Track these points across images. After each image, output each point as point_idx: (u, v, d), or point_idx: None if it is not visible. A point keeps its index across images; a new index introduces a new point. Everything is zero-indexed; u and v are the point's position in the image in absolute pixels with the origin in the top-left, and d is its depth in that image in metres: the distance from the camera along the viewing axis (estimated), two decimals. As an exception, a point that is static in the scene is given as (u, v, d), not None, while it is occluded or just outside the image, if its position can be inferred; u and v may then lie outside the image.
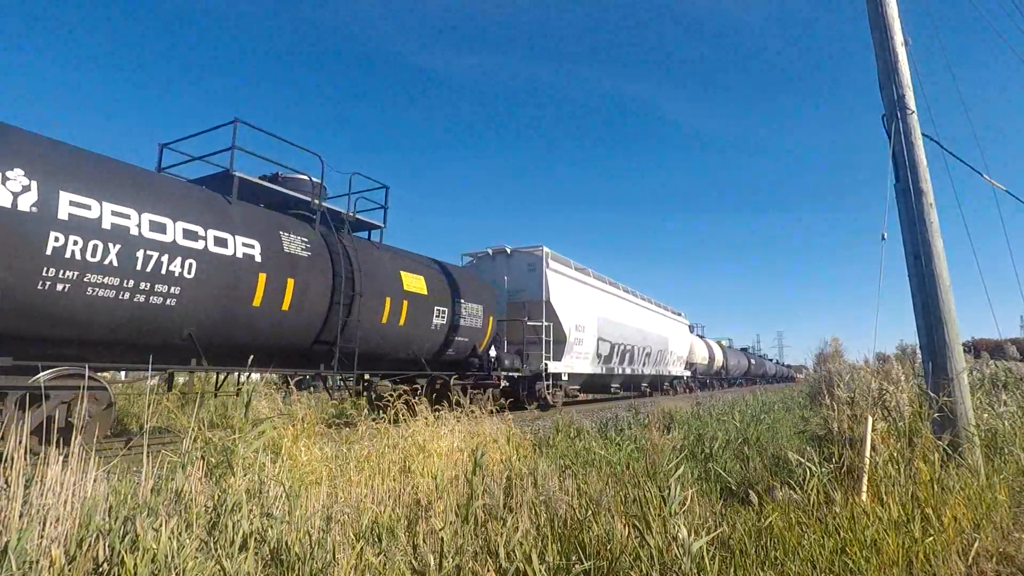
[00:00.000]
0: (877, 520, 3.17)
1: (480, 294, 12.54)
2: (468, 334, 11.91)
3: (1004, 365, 14.78)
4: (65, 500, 2.39)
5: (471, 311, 11.95)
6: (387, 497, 3.41)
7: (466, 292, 11.97)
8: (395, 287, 10.11)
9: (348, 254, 9.15)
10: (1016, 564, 3.16)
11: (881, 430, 4.51)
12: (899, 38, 5.93)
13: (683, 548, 2.37)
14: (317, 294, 8.50)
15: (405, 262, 10.81)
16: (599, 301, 17.78)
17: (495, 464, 4.41)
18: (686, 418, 8.41)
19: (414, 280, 10.62)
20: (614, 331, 18.44)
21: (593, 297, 17.39)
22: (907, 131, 5.69)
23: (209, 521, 2.44)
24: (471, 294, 12.13)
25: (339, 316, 8.70)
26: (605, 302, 18.30)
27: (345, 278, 8.86)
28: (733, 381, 41.07)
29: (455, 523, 2.80)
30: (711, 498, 3.97)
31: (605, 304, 18.20)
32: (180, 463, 2.84)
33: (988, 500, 3.95)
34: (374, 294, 9.55)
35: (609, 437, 6.33)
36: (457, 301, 11.57)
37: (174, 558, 2.02)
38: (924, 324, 5.43)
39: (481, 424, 5.49)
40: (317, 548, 2.33)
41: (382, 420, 5.17)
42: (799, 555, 2.83)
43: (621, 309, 19.69)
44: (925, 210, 5.52)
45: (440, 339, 11.25)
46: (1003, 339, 22.22)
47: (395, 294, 10.05)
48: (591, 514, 2.97)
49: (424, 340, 10.84)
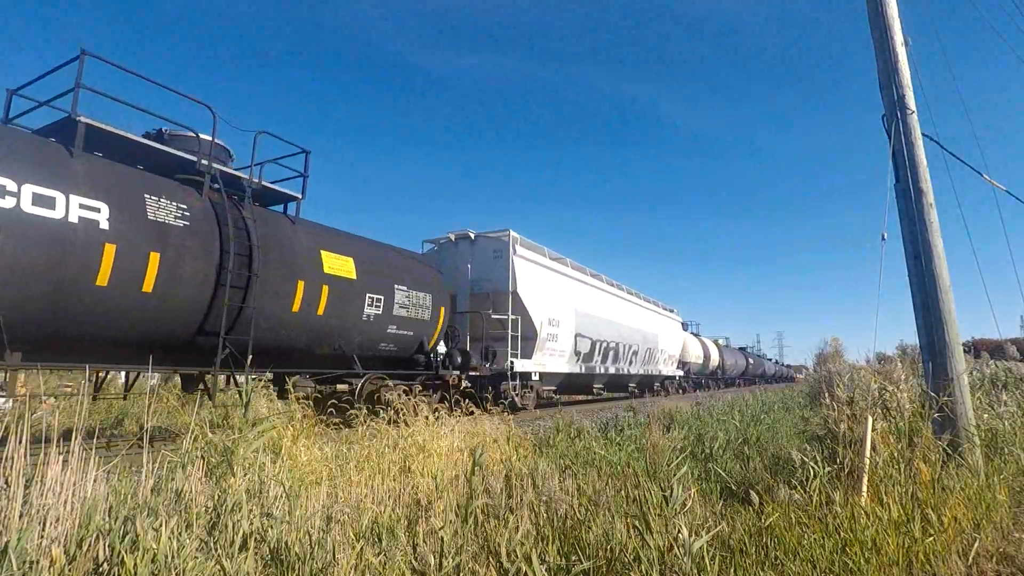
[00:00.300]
0: (877, 520, 3.17)
1: (429, 281, 11.09)
2: (412, 327, 10.42)
3: (1004, 365, 14.78)
4: (65, 500, 2.39)
5: (416, 301, 10.46)
6: (387, 497, 3.42)
7: (410, 278, 10.49)
8: (312, 269, 8.51)
9: (247, 227, 7.60)
10: (1016, 564, 3.16)
11: (881, 430, 4.51)
12: (899, 38, 5.93)
13: (684, 548, 2.36)
14: (196, 273, 6.93)
15: (328, 240, 9.15)
16: (577, 294, 16.39)
17: (495, 464, 4.41)
18: (686, 418, 8.41)
19: (339, 262, 9.02)
20: (595, 327, 17.06)
21: (570, 289, 15.97)
22: (907, 131, 5.69)
23: (209, 521, 2.44)
24: (417, 281, 10.68)
25: (229, 302, 7.14)
26: (584, 295, 16.89)
27: (237, 255, 7.29)
28: (730, 381, 39.59)
29: (455, 523, 2.80)
30: (711, 498, 3.98)
31: (584, 297, 16.83)
32: (180, 463, 2.84)
33: (988, 500, 3.95)
34: (282, 276, 8.04)
35: (609, 437, 6.33)
36: (398, 288, 10.10)
37: (174, 558, 2.02)
38: (924, 324, 5.44)
39: (481, 424, 5.49)
40: (317, 548, 2.33)
41: (382, 420, 5.18)
42: (799, 555, 2.83)
43: (604, 303, 18.35)
44: (925, 210, 5.52)
45: (375, 332, 9.70)
46: (1003, 339, 22.22)
47: (312, 277, 8.44)
48: (591, 514, 2.97)
49: (354, 333, 9.27)
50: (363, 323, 9.41)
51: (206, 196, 7.38)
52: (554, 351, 14.67)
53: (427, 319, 10.79)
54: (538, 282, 14.01)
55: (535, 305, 13.47)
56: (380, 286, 9.75)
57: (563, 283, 15.63)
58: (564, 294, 15.40)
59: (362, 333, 9.46)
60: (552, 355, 14.59)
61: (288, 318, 8.21)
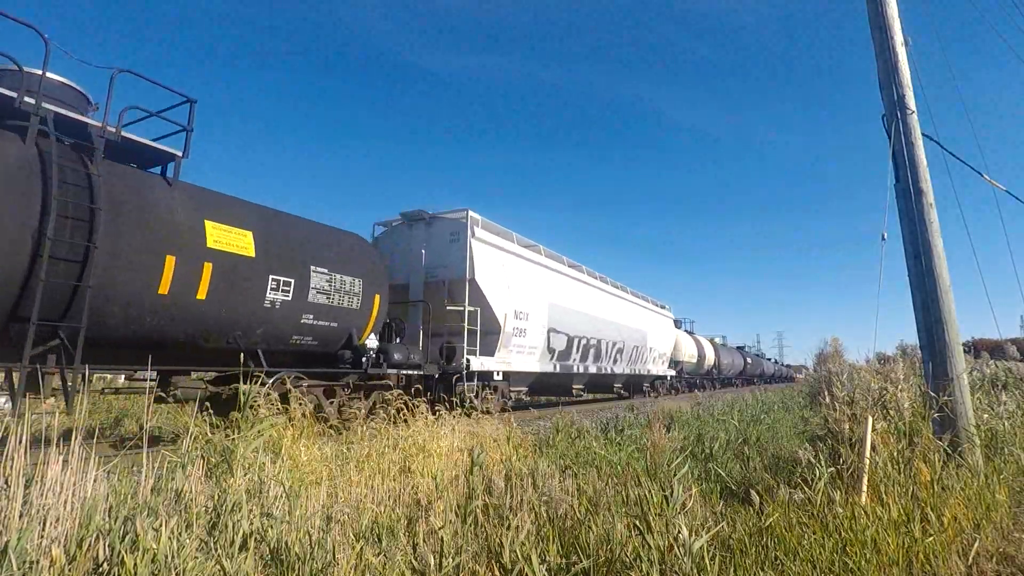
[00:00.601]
0: (877, 520, 3.17)
1: (359, 263, 9.36)
2: (337, 317, 8.82)
3: (1004, 365, 14.80)
4: (65, 500, 2.39)
5: (342, 286, 8.85)
6: (387, 497, 3.42)
7: (333, 259, 8.81)
8: (190, 242, 6.87)
9: (92, 185, 6.05)
10: (1016, 564, 3.16)
11: (881, 430, 4.51)
12: (899, 38, 5.93)
13: (684, 548, 2.36)
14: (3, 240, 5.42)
15: (216, 208, 7.42)
16: (551, 285, 14.71)
17: (495, 464, 4.41)
18: (686, 418, 8.42)
19: (231, 235, 7.37)
20: (573, 322, 15.48)
21: (542, 279, 14.27)
22: (907, 131, 5.70)
23: (209, 521, 2.45)
24: (342, 262, 8.95)
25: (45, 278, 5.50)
26: (560, 287, 15.24)
27: (71, 219, 5.80)
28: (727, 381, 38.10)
29: (455, 523, 2.80)
30: (711, 498, 3.98)
31: (560, 289, 15.17)
32: (180, 463, 2.84)
33: (988, 500, 3.95)
34: (143, 249, 6.42)
35: (610, 437, 6.33)
36: (316, 271, 8.43)
37: (174, 558, 2.02)
38: (924, 324, 5.44)
39: (482, 424, 5.49)
40: (317, 548, 2.33)
41: (382, 421, 5.18)
42: (799, 555, 2.83)
43: (583, 297, 16.63)
44: (925, 210, 5.52)
45: (285, 323, 8.06)
46: (1003, 339, 22.23)
47: (188, 252, 6.82)
48: (591, 514, 2.97)
49: (254, 323, 7.63)
50: (265, 311, 7.71)
51: (32, 144, 5.84)
52: (522, 348, 13.13)
53: (357, 308, 9.14)
54: (502, 270, 12.40)
55: (497, 295, 11.93)
56: (289, 267, 8.03)
57: (534, 273, 13.96)
58: (535, 285, 13.75)
59: (265, 323, 7.79)
60: (520, 352, 13.09)
61: (155, 302, 6.55)
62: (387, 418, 5.36)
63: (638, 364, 21.30)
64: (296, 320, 8.25)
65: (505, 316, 12.19)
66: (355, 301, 9.13)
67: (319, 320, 8.59)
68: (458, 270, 11.45)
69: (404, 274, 11.99)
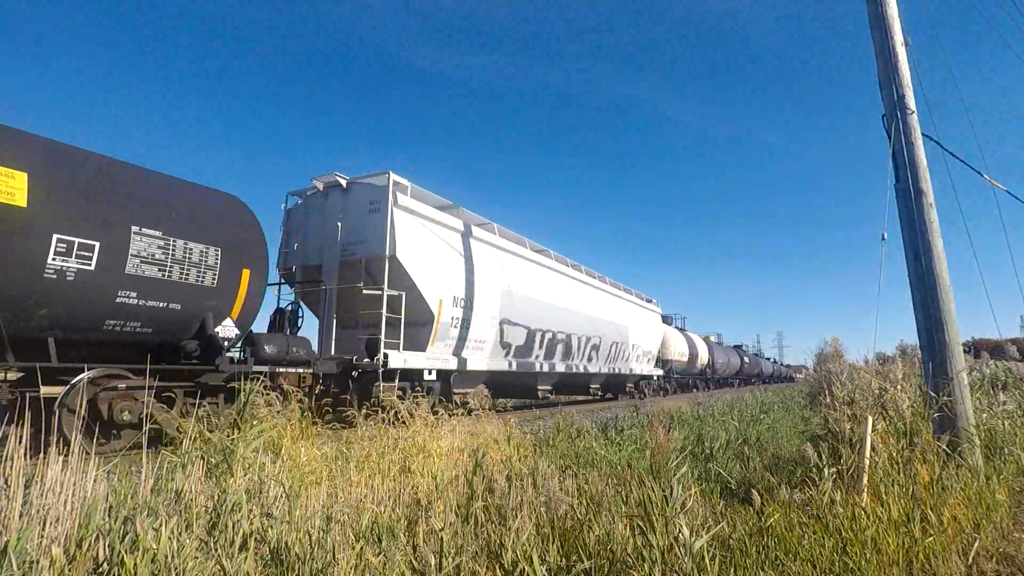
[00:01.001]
0: (877, 520, 3.17)
1: (220, 229, 7.27)
2: (179, 297, 6.73)
3: (1004, 365, 14.80)
4: (65, 500, 2.39)
5: (188, 256, 6.77)
6: (387, 497, 3.41)
7: (173, 220, 6.71)
8: None
9: None
10: (1016, 564, 3.16)
11: (881, 430, 4.51)
12: (899, 38, 5.93)
13: (684, 548, 2.37)
14: None
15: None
16: (506, 269, 12.65)
17: (495, 464, 4.41)
18: (687, 418, 8.43)
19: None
20: (535, 313, 13.46)
21: (494, 262, 12.28)
22: (907, 131, 5.70)
23: (209, 521, 2.45)
24: (191, 225, 6.88)
25: None
26: (518, 272, 13.17)
27: None
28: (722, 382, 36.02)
29: (455, 523, 2.80)
30: (711, 498, 3.98)
31: (518, 275, 13.09)
32: (180, 463, 2.84)
33: (988, 500, 3.95)
34: None
35: (610, 437, 6.33)
36: (140, 233, 6.33)
37: (174, 558, 2.02)
38: (924, 324, 5.44)
39: (483, 425, 5.49)
40: (317, 548, 2.33)
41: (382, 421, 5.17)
42: (799, 555, 2.83)
43: (549, 284, 14.50)
44: (925, 210, 5.52)
45: (88, 301, 6.01)
46: (1003, 339, 22.22)
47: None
48: (592, 514, 2.97)
49: (32, 300, 5.63)
50: (49, 284, 5.66)
51: None
52: (466, 342, 11.25)
53: (212, 286, 7.08)
54: (436, 247, 10.46)
55: (429, 278, 10.04)
56: (90, 224, 5.96)
57: (483, 254, 11.90)
58: (484, 269, 11.76)
59: (53, 301, 5.76)
60: (463, 347, 11.27)
61: None
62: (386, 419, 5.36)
63: (619, 363, 19.28)
64: (109, 298, 6.14)
65: (440, 303, 10.25)
66: (209, 276, 7.02)
67: (148, 300, 6.44)
68: (377, 246, 9.42)
69: (318, 253, 10.16)
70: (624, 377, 20.31)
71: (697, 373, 30.78)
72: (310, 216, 10.50)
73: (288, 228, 10.74)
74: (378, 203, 9.64)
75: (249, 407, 4.60)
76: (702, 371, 31.47)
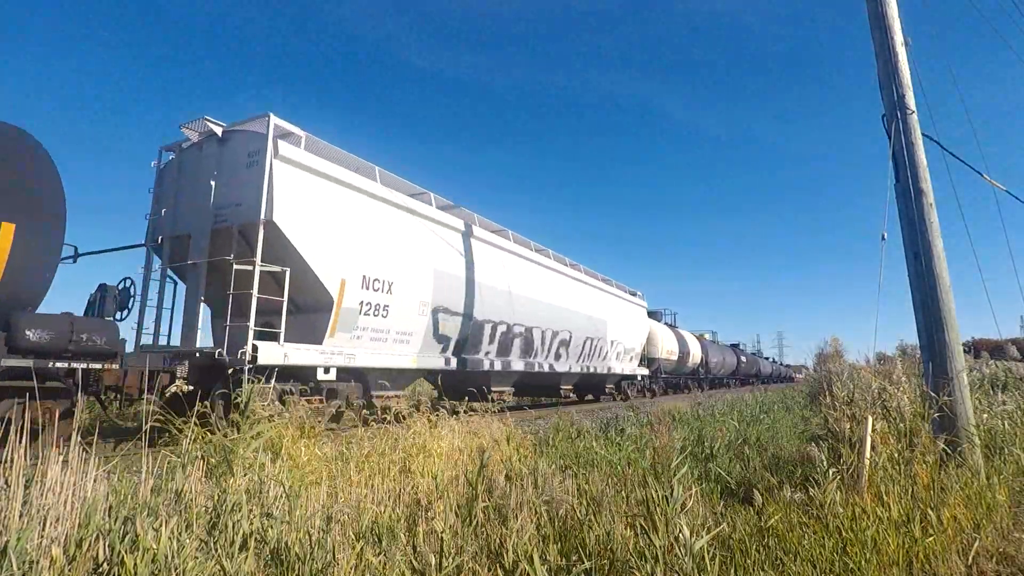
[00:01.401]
0: (877, 520, 3.17)
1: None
2: None
3: (1004, 365, 14.81)
4: (65, 500, 2.39)
5: None
6: (387, 497, 3.41)
7: None
8: None
9: None
10: (1016, 564, 3.16)
11: (881, 430, 4.51)
12: (899, 38, 5.93)
13: (685, 548, 2.37)
14: None
15: None
16: (442, 247, 10.58)
17: (495, 464, 4.41)
18: (687, 418, 8.43)
19: None
20: (484, 300, 11.47)
21: (425, 238, 10.15)
22: (907, 131, 5.70)
23: (209, 521, 2.44)
24: None
25: None
26: (459, 251, 11.09)
27: None
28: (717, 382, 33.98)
29: (455, 523, 2.80)
30: (711, 498, 3.98)
31: (459, 255, 11.07)
32: (180, 463, 2.84)
33: (988, 500, 3.95)
34: None
35: (610, 437, 6.33)
36: None
37: (174, 558, 2.02)
38: (924, 324, 5.44)
39: (483, 425, 5.49)
40: (317, 548, 2.33)
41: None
42: (800, 555, 2.83)
43: (501, 268, 12.34)
44: (925, 210, 5.52)
45: None
46: (1003, 339, 22.23)
47: None
48: (592, 514, 2.97)
49: None
50: None
51: None
52: (383, 334, 9.18)
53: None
54: (339, 214, 8.39)
55: (324, 250, 8.01)
56: None
57: (410, 228, 9.85)
58: (411, 245, 9.76)
59: None
60: (379, 340, 9.13)
61: None
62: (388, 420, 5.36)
63: (595, 361, 17.25)
64: None
65: (343, 284, 8.23)
66: None
67: None
68: (252, 208, 7.44)
69: (188, 220, 8.24)
70: (602, 377, 18.50)
71: (689, 373, 28.84)
72: (184, 175, 8.53)
73: (159, 191, 8.73)
74: (256, 156, 7.63)
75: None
76: (694, 371, 29.50)
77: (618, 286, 19.84)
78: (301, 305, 8.21)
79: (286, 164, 7.71)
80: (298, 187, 7.84)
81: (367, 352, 8.96)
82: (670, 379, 26.31)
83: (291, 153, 7.81)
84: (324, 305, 8.21)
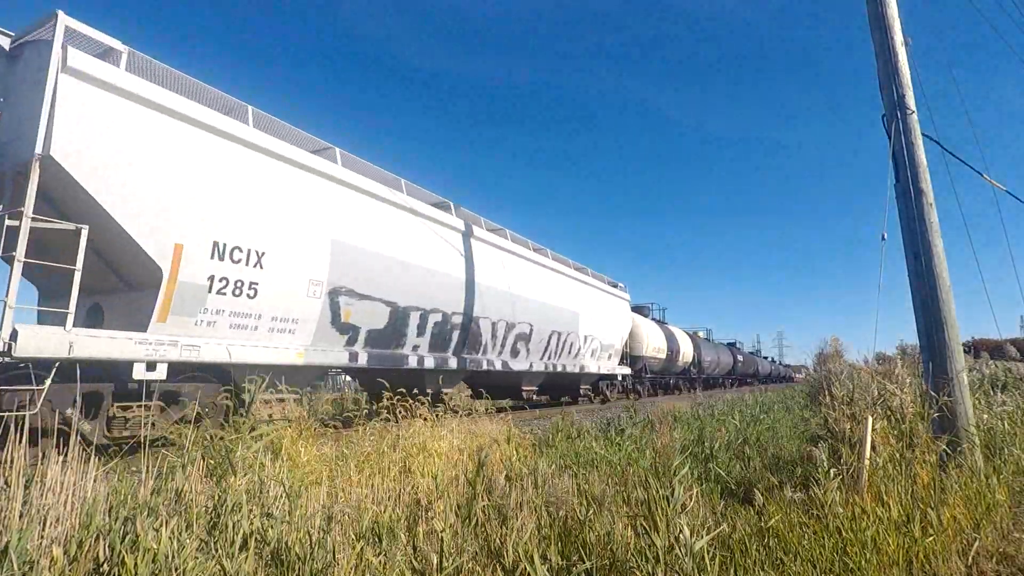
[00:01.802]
0: (877, 520, 3.17)
1: None
2: None
3: (1004, 365, 14.82)
4: (65, 500, 2.39)
5: None
6: (387, 497, 3.42)
7: None
8: None
9: None
10: (1016, 564, 3.16)
11: (881, 430, 4.51)
12: (899, 38, 5.93)
13: (685, 548, 2.37)
14: None
15: None
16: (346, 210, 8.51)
17: (495, 464, 4.42)
18: (687, 418, 8.44)
19: None
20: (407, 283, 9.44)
21: (317, 197, 8.07)
22: (907, 131, 5.70)
23: (209, 521, 2.45)
24: None
25: None
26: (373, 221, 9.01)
27: None
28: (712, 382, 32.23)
29: (455, 523, 2.80)
30: (712, 498, 3.98)
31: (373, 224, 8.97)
32: (180, 463, 2.84)
33: (988, 500, 3.95)
34: None
35: (609, 437, 6.33)
36: None
37: (174, 558, 2.02)
38: (924, 324, 5.44)
39: (483, 425, 5.50)
40: (317, 548, 2.33)
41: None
42: (800, 555, 2.83)
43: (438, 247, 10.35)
44: (925, 210, 5.52)
45: None
46: (1003, 339, 22.23)
47: None
48: (593, 514, 2.97)
49: None
50: None
51: None
52: (250, 319, 7.12)
53: None
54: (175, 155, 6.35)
55: (145, 204, 6.04)
56: None
57: (295, 184, 7.76)
58: (294, 206, 7.67)
59: None
60: (245, 328, 7.09)
61: None
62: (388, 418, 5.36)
63: (564, 358, 15.26)
64: None
65: (179, 251, 6.27)
66: None
67: None
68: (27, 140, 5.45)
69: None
70: (575, 377, 16.50)
71: (679, 372, 26.82)
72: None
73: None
74: (43, 69, 5.56)
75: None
76: (685, 370, 27.36)
77: (595, 275, 17.82)
78: (130, 281, 6.35)
79: (83, 82, 5.65)
80: (103, 115, 5.78)
81: (224, 343, 6.78)
82: (657, 379, 24.23)
83: (93, 68, 5.71)
84: (150, 280, 6.19)
